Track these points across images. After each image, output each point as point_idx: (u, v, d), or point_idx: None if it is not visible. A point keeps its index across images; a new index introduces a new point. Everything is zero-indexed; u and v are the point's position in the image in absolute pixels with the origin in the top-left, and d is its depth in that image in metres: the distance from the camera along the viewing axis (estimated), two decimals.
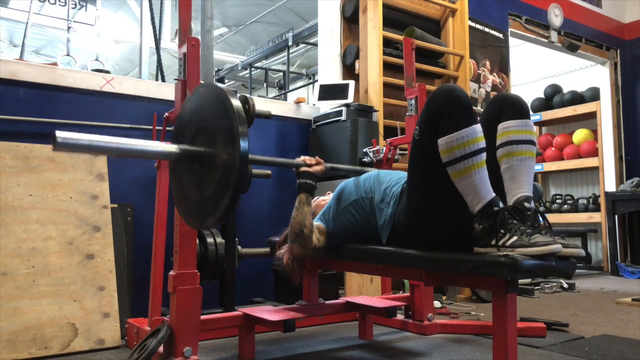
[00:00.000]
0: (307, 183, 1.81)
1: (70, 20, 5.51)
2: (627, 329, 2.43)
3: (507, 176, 1.52)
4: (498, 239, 1.35)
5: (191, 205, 1.48)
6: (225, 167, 1.33)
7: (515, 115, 1.56)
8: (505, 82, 4.48)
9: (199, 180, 1.44)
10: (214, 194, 1.36)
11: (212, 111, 1.42)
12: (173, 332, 1.65)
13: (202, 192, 1.42)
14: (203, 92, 1.48)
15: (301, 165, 1.85)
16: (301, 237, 1.74)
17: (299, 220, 1.74)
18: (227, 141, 1.33)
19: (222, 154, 1.35)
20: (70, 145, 1.29)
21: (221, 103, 1.38)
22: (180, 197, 1.54)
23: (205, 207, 1.41)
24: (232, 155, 1.31)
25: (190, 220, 1.51)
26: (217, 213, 1.35)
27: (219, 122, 1.38)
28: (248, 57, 7.66)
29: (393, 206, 1.68)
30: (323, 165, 1.87)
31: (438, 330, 2.34)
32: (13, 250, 2.04)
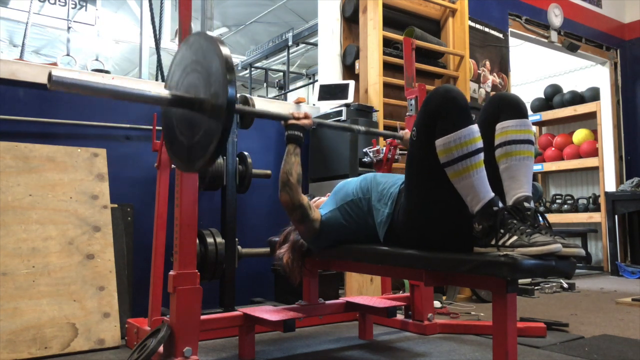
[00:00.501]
0: (295, 134, 1.85)
1: (70, 20, 5.51)
2: (627, 329, 2.44)
3: (506, 176, 1.52)
4: (498, 239, 1.35)
5: (181, 150, 1.55)
6: (214, 112, 1.39)
7: (513, 115, 1.56)
8: (505, 82, 4.48)
9: (189, 125, 1.51)
10: (203, 138, 1.43)
11: (202, 59, 1.48)
12: (173, 332, 1.65)
13: (191, 137, 1.49)
14: (194, 41, 1.54)
15: (289, 118, 1.88)
16: (287, 185, 1.78)
17: (287, 169, 1.79)
18: (216, 87, 1.40)
19: (211, 100, 1.41)
20: (66, 83, 1.34)
21: (211, 50, 1.43)
22: (171, 142, 1.62)
23: (194, 151, 1.48)
24: (220, 101, 1.36)
25: (181, 164, 1.59)
26: (206, 156, 1.41)
27: (208, 69, 1.44)
28: (248, 57, 7.67)
29: (390, 206, 1.68)
30: (311, 120, 1.91)
31: (438, 330, 2.34)
32: (13, 250, 2.04)
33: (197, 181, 1.76)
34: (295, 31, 6.76)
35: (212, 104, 1.40)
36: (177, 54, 1.64)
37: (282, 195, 1.79)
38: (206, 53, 1.45)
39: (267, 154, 3.15)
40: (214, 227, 2.56)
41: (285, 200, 1.79)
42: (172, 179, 1.88)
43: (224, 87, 1.35)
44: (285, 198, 1.79)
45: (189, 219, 1.73)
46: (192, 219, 1.74)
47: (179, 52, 1.62)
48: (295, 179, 1.78)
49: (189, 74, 1.53)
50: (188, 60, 1.55)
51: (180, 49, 1.61)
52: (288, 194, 1.78)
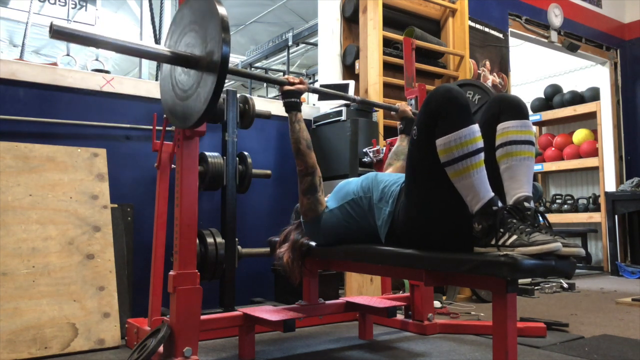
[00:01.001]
0: (293, 101, 1.90)
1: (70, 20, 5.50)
2: (627, 329, 2.44)
3: (507, 176, 1.52)
4: (498, 239, 1.35)
5: (177, 106, 1.62)
6: (209, 69, 1.45)
7: (514, 115, 1.56)
8: (505, 82, 4.48)
9: (185, 82, 1.58)
10: (198, 94, 1.50)
11: (200, 18, 1.54)
12: (173, 332, 1.65)
13: (187, 93, 1.56)
14: (193, 2, 1.60)
15: (285, 83, 1.90)
16: (300, 153, 1.85)
17: (294, 138, 1.86)
18: (212, 45, 1.46)
19: (207, 57, 1.48)
20: (66, 33, 1.38)
21: (208, 10, 1.50)
22: (168, 99, 1.70)
23: (189, 107, 1.55)
24: (215, 58, 1.42)
25: (176, 120, 1.65)
26: (199, 111, 1.49)
27: (205, 28, 1.50)
28: (248, 57, 7.67)
29: (391, 205, 1.68)
30: (305, 84, 1.94)
31: (438, 330, 2.34)
32: (13, 250, 2.04)
33: (197, 181, 1.77)
34: (295, 31, 6.76)
35: (207, 61, 1.47)
36: (177, 13, 1.70)
37: (298, 163, 1.88)
38: (204, 13, 1.52)
39: (267, 154, 3.15)
40: (214, 227, 2.56)
41: (301, 167, 1.86)
42: (172, 179, 1.88)
43: (219, 46, 1.41)
44: (301, 166, 1.87)
45: (189, 219, 1.73)
46: (192, 219, 1.74)
47: (179, 11, 1.68)
48: (305, 145, 1.86)
49: (187, 33, 1.60)
50: (187, 20, 1.61)
51: (180, 8, 1.68)
52: (302, 160, 1.86)
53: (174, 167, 1.92)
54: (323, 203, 1.87)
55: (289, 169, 1.85)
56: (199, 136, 1.73)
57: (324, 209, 1.86)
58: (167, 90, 1.72)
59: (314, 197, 1.85)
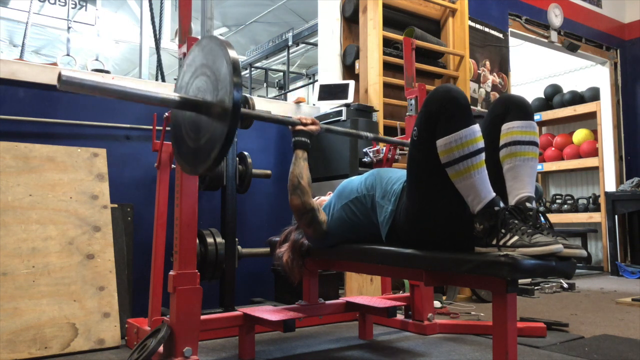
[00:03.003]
0: (303, 141, 1.85)
1: (70, 20, 5.51)
2: (627, 329, 2.43)
3: (510, 176, 1.52)
4: (499, 239, 1.35)
5: (188, 152, 1.56)
6: (219, 116, 1.40)
7: (519, 116, 1.56)
8: (505, 82, 4.48)
9: (195, 129, 1.52)
10: (208, 142, 1.44)
11: (211, 62, 1.48)
12: (173, 332, 1.65)
13: (197, 140, 1.50)
14: (205, 44, 1.55)
15: (297, 123, 1.88)
16: (298, 188, 1.78)
17: (297, 172, 1.79)
18: (223, 91, 1.40)
19: (218, 104, 1.42)
20: (74, 83, 1.34)
21: (219, 54, 1.44)
22: (178, 144, 1.63)
23: (199, 154, 1.49)
24: (227, 105, 1.37)
25: (186, 166, 1.59)
26: (208, 161, 1.42)
27: (216, 72, 1.45)
28: (248, 57, 7.67)
29: (394, 203, 1.67)
30: (319, 125, 1.91)
31: (438, 330, 2.34)
32: (13, 250, 2.04)
33: (197, 181, 1.77)
34: (295, 31, 6.76)
35: (218, 108, 1.41)
36: (188, 55, 1.65)
37: (293, 199, 1.79)
38: (215, 56, 1.46)
39: (267, 154, 3.15)
40: (214, 227, 2.56)
41: (296, 204, 1.78)
42: (172, 179, 1.88)
43: (230, 93, 1.35)
44: (296, 202, 1.78)
45: (189, 219, 1.73)
46: (192, 219, 1.74)
47: (190, 53, 1.63)
48: (307, 182, 1.79)
49: (198, 76, 1.53)
50: (198, 63, 1.55)
51: (192, 50, 1.62)
52: (299, 197, 1.77)
53: (174, 167, 1.92)
54: (324, 219, 1.83)
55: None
56: None
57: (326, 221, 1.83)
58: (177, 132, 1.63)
59: (317, 223, 1.81)
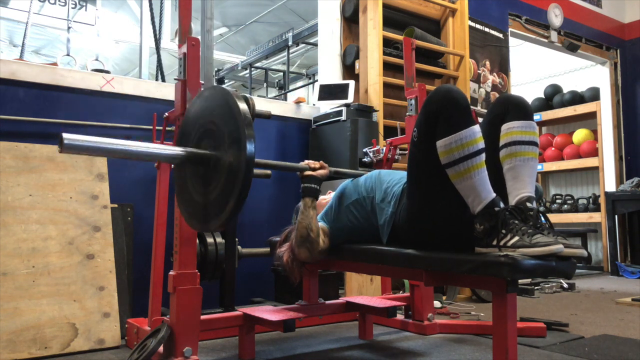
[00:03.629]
0: (312, 187, 1.82)
1: (70, 20, 5.51)
2: (627, 329, 2.43)
3: (510, 176, 1.52)
4: (499, 239, 1.35)
5: (195, 208, 1.47)
6: (231, 170, 1.32)
7: (519, 116, 1.56)
8: (505, 82, 4.48)
9: (204, 183, 1.43)
10: (219, 197, 1.35)
11: (218, 114, 1.41)
12: (173, 332, 1.65)
13: (206, 195, 1.41)
14: (209, 95, 1.48)
15: (305, 169, 1.85)
16: (308, 240, 1.74)
17: (306, 224, 1.74)
18: (234, 144, 1.32)
19: (228, 157, 1.34)
20: (77, 147, 1.28)
21: (227, 105, 1.37)
22: (184, 200, 1.53)
23: (210, 210, 1.40)
24: (239, 159, 1.30)
25: (195, 222, 1.50)
26: (222, 216, 1.34)
27: (225, 124, 1.37)
28: (248, 57, 7.66)
29: (394, 206, 1.67)
30: (327, 169, 1.89)
31: (438, 330, 2.34)
32: (13, 250, 2.04)
33: None
34: (295, 31, 6.75)
35: (229, 161, 1.33)
36: (190, 108, 1.58)
37: (300, 252, 1.75)
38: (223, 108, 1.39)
39: (267, 154, 3.15)
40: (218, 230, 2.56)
41: (305, 257, 1.75)
42: (172, 179, 1.88)
43: (243, 145, 1.28)
44: (304, 255, 1.75)
45: None
46: None
47: (192, 106, 1.56)
48: (316, 234, 1.74)
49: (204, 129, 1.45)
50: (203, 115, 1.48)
51: (194, 102, 1.55)
52: (308, 250, 1.74)
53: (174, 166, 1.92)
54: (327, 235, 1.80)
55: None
56: None
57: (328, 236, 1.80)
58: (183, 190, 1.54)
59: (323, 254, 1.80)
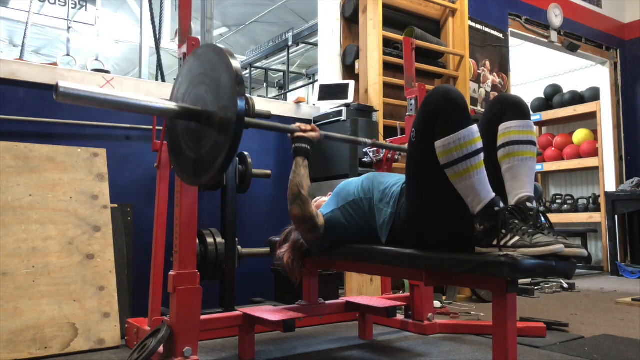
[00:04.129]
0: (303, 147, 1.83)
1: (70, 20, 5.52)
2: (627, 329, 2.43)
3: (509, 176, 1.52)
4: (500, 239, 1.35)
5: (187, 162, 1.52)
6: (223, 125, 1.36)
7: (516, 116, 1.56)
8: (505, 82, 4.48)
9: (196, 138, 1.47)
10: (211, 151, 1.39)
11: (210, 70, 1.44)
12: (173, 332, 1.65)
13: (198, 150, 1.46)
14: (202, 53, 1.51)
15: (296, 130, 1.87)
16: (299, 198, 1.75)
17: (297, 181, 1.77)
18: (225, 100, 1.36)
19: (220, 113, 1.38)
20: (72, 95, 1.32)
21: (220, 63, 1.40)
22: (176, 154, 1.59)
23: (201, 164, 1.45)
24: (230, 114, 1.33)
25: (186, 176, 1.55)
26: (212, 170, 1.38)
27: (217, 81, 1.41)
28: (248, 57, 7.67)
29: (392, 206, 1.67)
30: (318, 132, 1.90)
31: (438, 330, 2.34)
32: (13, 250, 2.04)
33: None
34: (295, 31, 6.76)
35: (220, 117, 1.36)
36: (184, 65, 1.60)
37: (293, 208, 1.76)
38: (215, 65, 1.42)
39: (267, 154, 3.15)
40: (214, 227, 2.56)
41: (296, 213, 1.76)
42: (172, 179, 1.88)
43: (234, 101, 1.31)
44: (296, 211, 1.76)
45: (189, 219, 1.73)
46: (192, 219, 1.74)
47: (186, 63, 1.58)
48: (307, 192, 1.76)
49: (197, 86, 1.49)
50: (196, 72, 1.51)
51: (187, 60, 1.58)
52: (300, 207, 1.75)
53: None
54: (322, 222, 1.81)
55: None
56: None
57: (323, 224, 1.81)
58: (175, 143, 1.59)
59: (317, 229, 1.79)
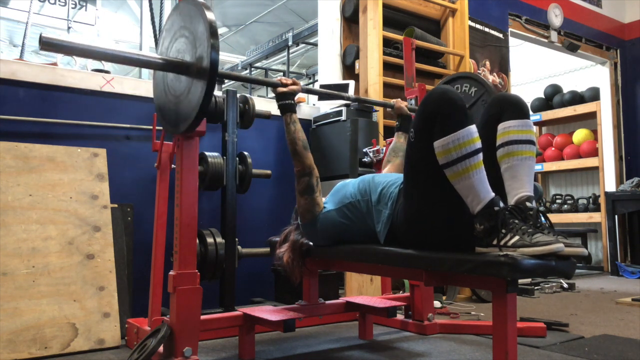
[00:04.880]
0: (288, 103, 1.89)
1: (70, 20, 5.51)
2: (627, 329, 2.44)
3: (508, 176, 1.52)
4: (499, 239, 1.35)
5: (170, 112, 1.65)
6: (199, 74, 1.47)
7: (515, 115, 1.56)
8: (505, 82, 4.48)
9: (177, 89, 1.60)
10: (189, 99, 1.52)
11: (188, 23, 1.56)
12: (173, 332, 1.65)
13: (178, 99, 1.58)
14: (183, 7, 1.62)
15: (278, 85, 1.91)
16: (296, 153, 1.85)
17: (290, 138, 1.85)
18: (200, 50, 1.48)
19: (196, 63, 1.49)
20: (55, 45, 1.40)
21: (197, 16, 1.52)
22: (161, 108, 1.72)
23: (181, 112, 1.57)
24: (205, 64, 1.44)
25: (168, 125, 1.69)
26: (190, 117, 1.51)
27: (194, 32, 1.52)
28: (248, 57, 7.67)
29: (390, 207, 1.67)
30: (299, 85, 1.93)
31: (438, 330, 2.34)
32: (13, 250, 2.04)
33: (197, 181, 1.77)
34: (295, 31, 6.76)
35: (197, 67, 1.48)
36: (168, 19, 1.72)
37: (295, 164, 1.87)
38: (193, 18, 1.53)
39: (267, 154, 3.15)
40: (214, 227, 2.56)
41: (298, 168, 1.86)
42: (172, 179, 1.88)
43: (208, 51, 1.42)
44: (298, 166, 1.86)
45: (189, 219, 1.73)
46: (192, 219, 1.74)
47: (169, 17, 1.71)
48: (301, 146, 1.85)
49: (178, 39, 1.61)
50: (177, 25, 1.63)
51: (170, 15, 1.70)
52: (298, 160, 1.85)
53: (174, 167, 1.92)
54: (320, 204, 1.87)
55: (289, 169, 1.85)
56: (198, 136, 1.73)
57: (321, 210, 1.86)
58: (160, 94, 1.73)
59: (311, 198, 1.85)
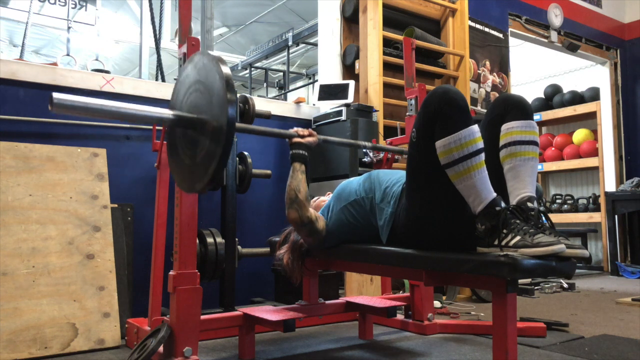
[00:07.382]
0: (300, 153, 1.85)
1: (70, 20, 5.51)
2: (627, 329, 2.43)
3: (511, 176, 1.52)
4: (501, 239, 1.35)
5: (184, 170, 1.54)
6: (214, 133, 1.38)
7: (519, 116, 1.56)
8: (505, 82, 4.48)
9: (191, 146, 1.50)
10: (204, 160, 1.42)
11: (203, 78, 1.47)
12: (173, 332, 1.65)
13: (193, 157, 1.48)
14: (197, 61, 1.54)
15: (294, 136, 1.88)
16: (296, 202, 1.76)
17: (294, 186, 1.78)
18: (217, 108, 1.39)
19: (212, 121, 1.40)
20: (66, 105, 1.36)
21: (212, 71, 1.43)
22: (174, 162, 1.61)
23: (195, 172, 1.47)
24: (221, 122, 1.35)
25: (183, 184, 1.58)
26: (206, 178, 1.41)
27: (209, 88, 1.44)
28: (248, 57, 7.67)
29: (393, 206, 1.67)
30: (316, 137, 1.91)
31: (438, 330, 2.34)
32: (13, 250, 2.04)
33: None
34: (295, 31, 6.77)
35: (213, 125, 1.39)
36: (181, 72, 1.63)
37: (290, 212, 1.78)
38: (208, 73, 1.44)
39: (267, 154, 3.15)
40: (214, 227, 2.56)
41: (294, 217, 1.77)
42: (172, 178, 1.88)
43: (225, 109, 1.33)
44: (294, 216, 1.77)
45: (189, 219, 1.73)
46: (192, 219, 1.74)
47: (183, 70, 1.61)
48: (304, 196, 1.77)
49: (193, 93, 1.52)
50: (192, 79, 1.53)
51: (185, 67, 1.60)
52: (297, 211, 1.76)
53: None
54: (323, 226, 1.82)
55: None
56: None
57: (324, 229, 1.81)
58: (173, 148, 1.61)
59: (316, 233, 1.80)
